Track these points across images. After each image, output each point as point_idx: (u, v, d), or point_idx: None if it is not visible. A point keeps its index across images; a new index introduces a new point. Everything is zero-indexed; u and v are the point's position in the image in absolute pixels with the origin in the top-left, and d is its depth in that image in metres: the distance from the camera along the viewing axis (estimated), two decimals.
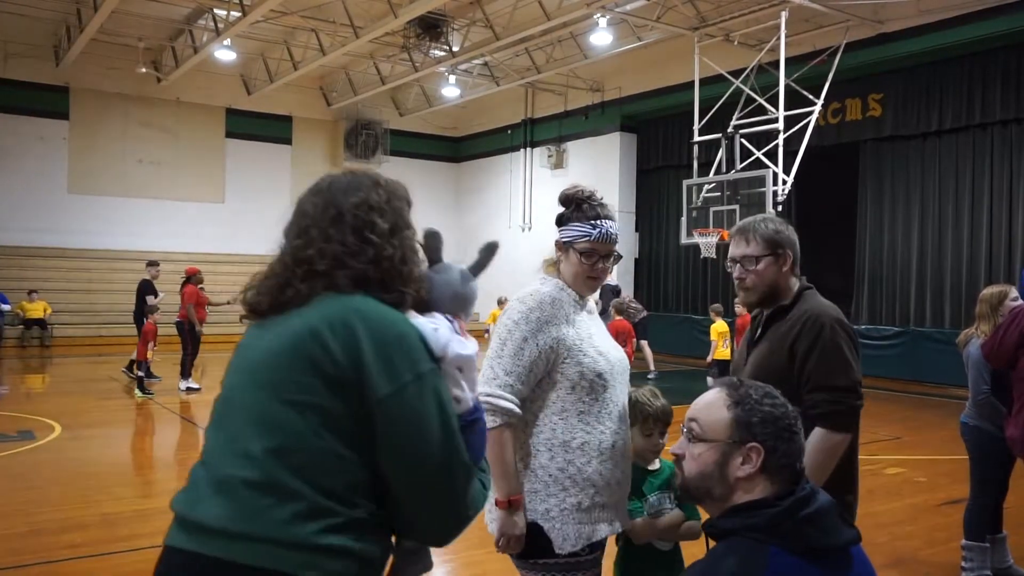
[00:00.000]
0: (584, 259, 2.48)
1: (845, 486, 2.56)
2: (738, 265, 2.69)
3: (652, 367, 14.25)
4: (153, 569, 1.53)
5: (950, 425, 8.73)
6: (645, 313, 14.31)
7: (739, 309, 10.84)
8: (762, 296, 2.67)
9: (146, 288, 12.81)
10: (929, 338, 13.35)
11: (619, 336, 10.51)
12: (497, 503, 2.38)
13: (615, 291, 14.00)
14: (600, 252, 2.49)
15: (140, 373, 11.31)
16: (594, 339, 2.50)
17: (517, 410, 2.41)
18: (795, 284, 2.69)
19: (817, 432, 2.47)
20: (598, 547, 2.47)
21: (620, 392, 2.51)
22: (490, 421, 2.37)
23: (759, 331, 2.72)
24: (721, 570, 1.53)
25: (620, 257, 2.58)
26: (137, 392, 11.07)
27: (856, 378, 2.53)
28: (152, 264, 13.04)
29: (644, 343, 13.95)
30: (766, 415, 1.64)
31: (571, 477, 2.40)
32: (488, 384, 2.42)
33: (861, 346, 2.66)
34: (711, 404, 1.69)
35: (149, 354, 11.31)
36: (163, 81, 19.66)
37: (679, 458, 1.71)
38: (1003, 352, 4.11)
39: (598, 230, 2.48)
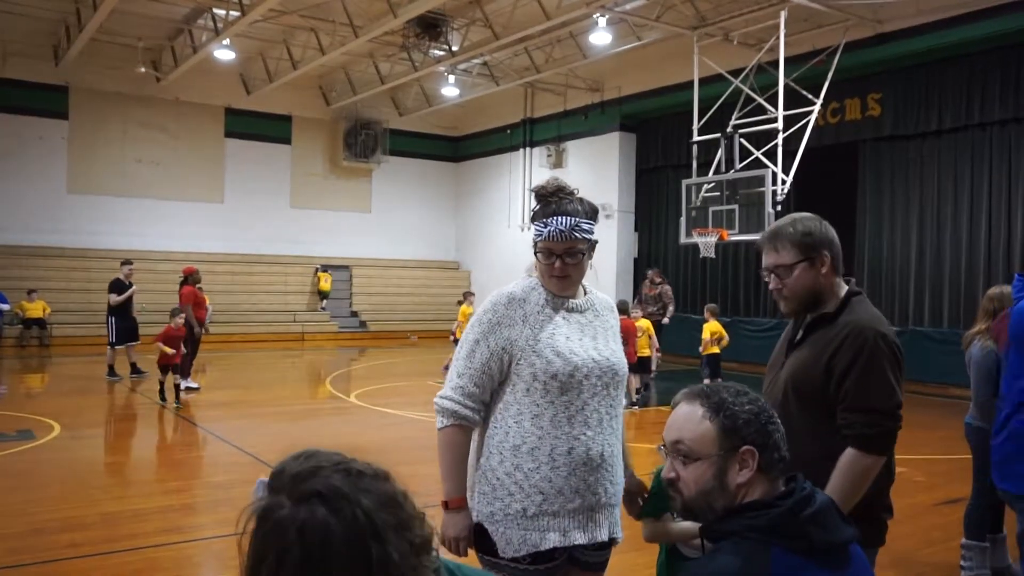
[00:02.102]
0: (543, 258, 2.43)
1: (880, 503, 2.49)
2: (772, 275, 2.52)
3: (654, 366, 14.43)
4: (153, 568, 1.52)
5: (948, 424, 8.75)
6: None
7: (636, 313, 10.97)
8: (802, 304, 2.51)
9: (112, 287, 12.76)
10: (928, 337, 13.36)
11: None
12: (441, 502, 2.42)
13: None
14: (555, 251, 2.40)
15: (178, 381, 10.56)
16: (557, 339, 2.39)
17: (464, 411, 2.39)
18: (840, 287, 2.53)
19: (849, 452, 2.35)
20: (547, 557, 2.36)
21: (589, 396, 2.39)
22: (438, 422, 2.43)
23: (801, 334, 2.56)
24: (725, 571, 1.52)
25: (580, 249, 2.41)
26: (175, 403, 10.31)
27: (896, 400, 2.37)
28: (126, 263, 13.00)
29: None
30: (749, 414, 1.63)
31: (517, 483, 2.35)
32: (445, 386, 2.45)
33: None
34: (692, 420, 1.65)
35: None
36: (162, 81, 19.65)
37: (673, 482, 1.68)
38: (1001, 347, 4.15)
39: (548, 228, 2.38)
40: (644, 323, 11.09)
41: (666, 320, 14.59)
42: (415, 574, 1.20)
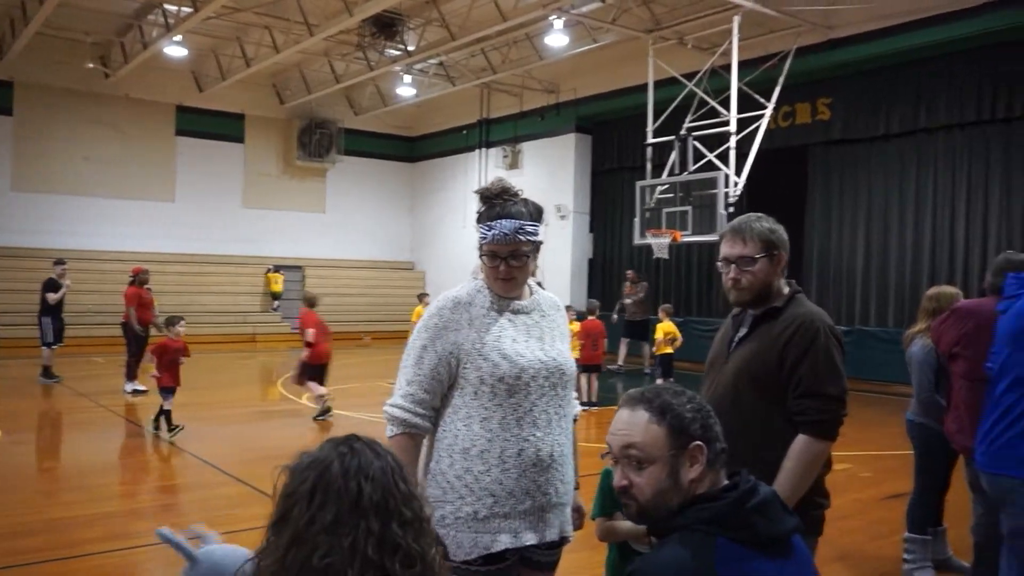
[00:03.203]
0: (488, 261, 2.43)
1: (817, 491, 2.58)
2: (733, 265, 2.62)
3: (621, 363, 14.77)
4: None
5: (894, 422, 8.94)
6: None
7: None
8: (755, 296, 2.62)
9: (47, 286, 12.44)
10: (874, 337, 13.66)
11: (588, 337, 10.53)
12: None
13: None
14: (500, 254, 2.39)
15: (166, 406, 8.32)
16: (503, 342, 2.39)
17: (415, 419, 2.38)
18: (784, 286, 2.66)
19: (802, 439, 2.45)
20: (498, 558, 2.36)
21: (537, 397, 2.40)
22: (387, 431, 2.40)
23: (746, 330, 2.67)
24: (672, 562, 1.56)
25: (525, 252, 2.41)
26: (165, 433, 8.26)
27: (845, 387, 2.51)
28: (59, 262, 12.68)
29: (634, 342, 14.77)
30: (693, 412, 1.68)
31: (467, 486, 2.35)
32: (393, 394, 2.43)
33: None
34: (639, 425, 1.68)
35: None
36: (111, 77, 19.23)
37: (626, 489, 1.69)
38: (942, 346, 4.25)
39: (493, 231, 2.38)
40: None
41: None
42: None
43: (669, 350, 11.42)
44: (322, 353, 9.64)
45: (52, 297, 12.27)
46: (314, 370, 9.65)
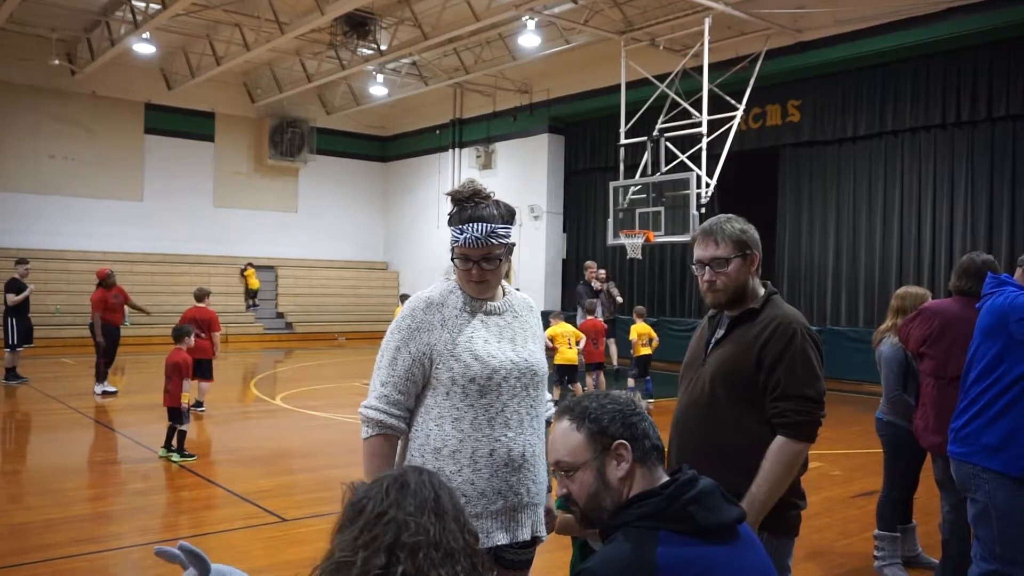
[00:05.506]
0: (460, 263, 2.43)
1: (794, 491, 2.56)
2: (707, 268, 2.60)
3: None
4: None
5: (864, 420, 9.06)
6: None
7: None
8: (731, 297, 2.60)
9: (9, 286, 12.21)
10: (844, 336, 13.81)
11: (590, 336, 10.91)
12: None
13: (589, 291, 14.28)
14: (472, 257, 2.39)
15: (181, 427, 7.51)
16: (475, 343, 2.39)
17: (390, 420, 2.39)
18: (760, 287, 2.65)
19: (779, 440, 2.45)
20: None
21: (509, 397, 2.40)
22: (363, 432, 2.41)
23: (723, 332, 2.65)
24: (617, 557, 1.60)
25: (497, 255, 2.41)
26: (174, 456, 7.48)
27: (822, 389, 2.50)
28: (21, 262, 12.48)
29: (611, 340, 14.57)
30: (612, 413, 1.73)
31: None
32: (368, 395, 2.44)
33: None
34: (563, 436, 1.76)
35: (186, 397, 7.49)
36: (78, 74, 18.96)
37: (567, 497, 1.77)
38: (910, 346, 4.31)
39: (465, 235, 2.37)
40: (563, 328, 10.94)
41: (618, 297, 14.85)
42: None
43: (648, 351, 11.44)
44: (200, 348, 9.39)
45: (12, 299, 12.07)
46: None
